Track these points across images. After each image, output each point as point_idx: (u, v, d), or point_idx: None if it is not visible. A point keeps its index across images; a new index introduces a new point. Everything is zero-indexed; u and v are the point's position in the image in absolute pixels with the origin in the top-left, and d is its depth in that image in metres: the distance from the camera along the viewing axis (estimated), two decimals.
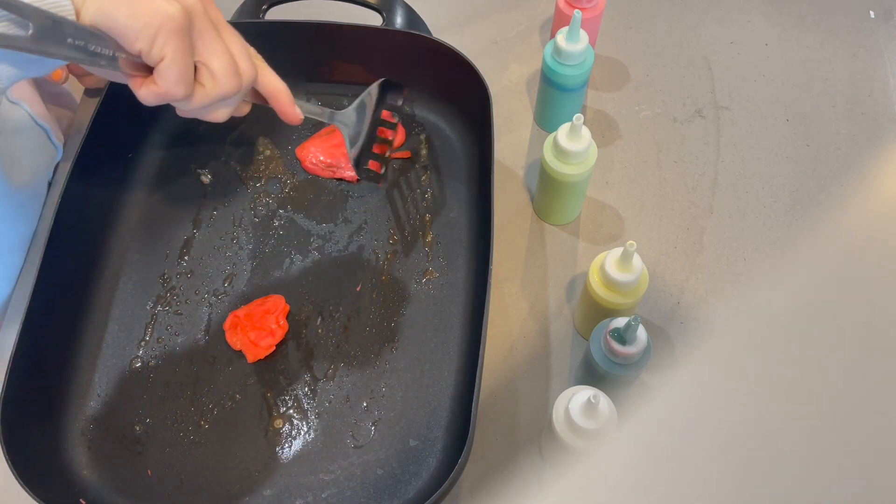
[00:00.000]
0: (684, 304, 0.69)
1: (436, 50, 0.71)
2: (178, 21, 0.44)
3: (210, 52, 0.47)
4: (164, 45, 0.44)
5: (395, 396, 0.64)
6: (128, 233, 0.72)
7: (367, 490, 0.60)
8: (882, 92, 0.80)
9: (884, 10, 0.86)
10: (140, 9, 0.43)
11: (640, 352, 0.55)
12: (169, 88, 0.46)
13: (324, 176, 0.74)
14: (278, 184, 0.74)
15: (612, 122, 0.79)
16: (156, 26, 0.44)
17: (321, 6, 0.76)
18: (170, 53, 0.45)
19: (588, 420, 0.52)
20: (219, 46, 0.47)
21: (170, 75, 0.46)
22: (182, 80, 0.46)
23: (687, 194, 0.75)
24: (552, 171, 0.65)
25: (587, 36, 0.69)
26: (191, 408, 0.64)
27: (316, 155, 0.74)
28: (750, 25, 0.85)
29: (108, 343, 0.66)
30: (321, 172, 0.74)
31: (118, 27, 0.44)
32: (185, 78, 0.46)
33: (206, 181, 0.75)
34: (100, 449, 0.62)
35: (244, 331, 0.65)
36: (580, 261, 0.71)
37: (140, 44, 0.44)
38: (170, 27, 0.44)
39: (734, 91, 0.81)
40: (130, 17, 0.43)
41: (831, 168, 0.76)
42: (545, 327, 0.68)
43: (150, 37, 0.44)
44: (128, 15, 0.43)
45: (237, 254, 0.71)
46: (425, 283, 0.68)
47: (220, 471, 0.61)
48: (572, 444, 0.54)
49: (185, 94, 0.47)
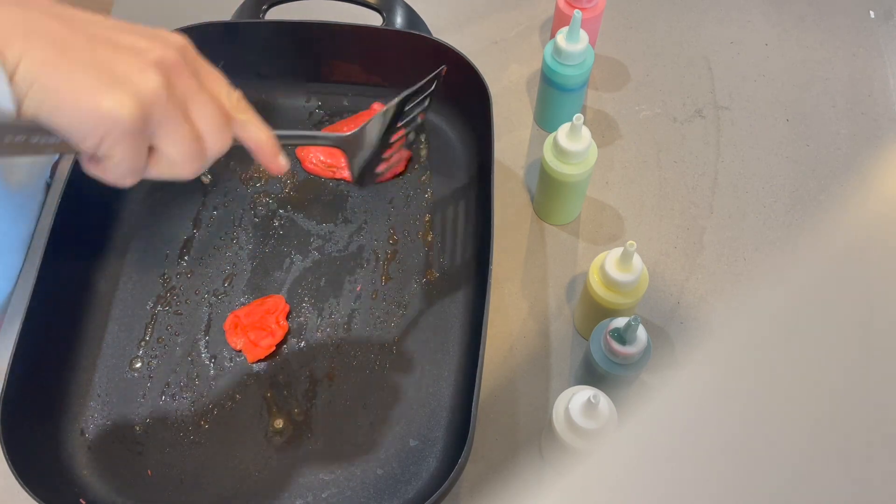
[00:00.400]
0: (684, 304, 0.69)
1: (436, 50, 0.71)
2: (128, 124, 0.38)
3: (169, 140, 0.41)
4: (112, 148, 0.39)
5: (395, 396, 0.64)
6: (128, 233, 0.72)
7: (367, 490, 0.60)
8: (882, 92, 0.80)
9: (884, 10, 0.86)
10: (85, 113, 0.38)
11: (640, 352, 0.55)
12: (116, 181, 0.42)
13: (324, 176, 0.74)
14: (278, 184, 0.74)
15: (612, 122, 0.79)
16: (102, 131, 0.38)
17: (321, 6, 0.76)
18: (117, 156, 0.40)
19: (588, 420, 0.52)
20: (181, 132, 0.41)
21: (116, 172, 0.41)
22: (130, 175, 0.41)
23: (687, 194, 0.75)
24: (552, 171, 0.65)
25: (587, 36, 0.69)
26: (191, 408, 0.64)
27: (316, 155, 0.74)
28: (750, 25, 0.85)
29: (108, 343, 0.66)
30: (321, 172, 0.74)
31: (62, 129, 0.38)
32: (134, 173, 0.42)
33: (206, 181, 0.75)
34: (100, 449, 0.62)
35: (244, 331, 0.65)
36: (580, 261, 0.71)
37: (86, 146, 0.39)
38: (117, 133, 0.38)
39: (734, 91, 0.81)
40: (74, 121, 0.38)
41: (831, 168, 0.76)
42: (545, 327, 0.68)
43: (95, 142, 0.39)
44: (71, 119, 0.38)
45: (237, 254, 0.71)
46: (425, 283, 0.68)
47: (220, 471, 0.61)
48: (572, 444, 0.54)
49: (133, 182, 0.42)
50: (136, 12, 0.89)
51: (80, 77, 0.37)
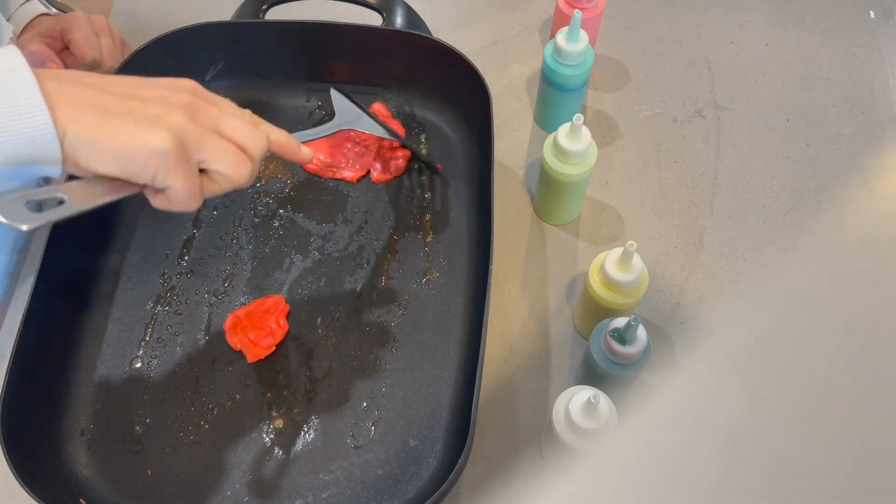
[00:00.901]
0: (684, 304, 0.69)
1: (436, 50, 0.71)
2: (171, 154, 0.44)
3: (213, 156, 0.47)
4: (167, 177, 0.45)
5: (395, 396, 0.64)
6: (128, 233, 0.72)
7: (367, 490, 0.60)
8: (882, 92, 0.80)
9: (884, 10, 0.86)
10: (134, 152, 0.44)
11: (640, 352, 0.55)
12: (182, 207, 0.48)
13: (324, 176, 0.74)
14: (278, 184, 0.74)
15: (612, 122, 0.79)
16: (153, 164, 0.44)
17: (321, 6, 0.76)
18: (174, 183, 0.46)
19: (588, 420, 0.52)
20: (220, 147, 0.47)
21: (179, 198, 0.47)
22: (192, 199, 0.47)
23: (687, 194, 0.75)
24: (552, 171, 0.65)
25: (587, 36, 0.69)
26: (191, 408, 0.64)
27: (316, 154, 0.74)
28: (750, 25, 0.85)
29: (108, 343, 0.66)
30: (322, 172, 0.74)
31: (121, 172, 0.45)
32: (194, 196, 0.47)
33: None
34: (100, 449, 0.62)
35: (244, 331, 0.65)
36: (580, 261, 0.71)
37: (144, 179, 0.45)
38: (166, 162, 0.44)
39: (734, 91, 0.81)
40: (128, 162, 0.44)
41: (831, 168, 0.76)
42: (545, 327, 0.68)
43: (151, 174, 0.45)
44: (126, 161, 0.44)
45: (237, 254, 0.71)
46: (425, 283, 0.68)
47: (220, 471, 0.61)
48: (572, 444, 0.54)
49: (198, 205, 0.48)
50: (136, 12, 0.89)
51: (122, 127, 0.44)
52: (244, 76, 0.78)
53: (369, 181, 0.74)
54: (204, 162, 0.47)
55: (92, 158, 0.44)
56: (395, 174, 0.74)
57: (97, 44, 0.70)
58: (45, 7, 0.75)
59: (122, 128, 0.44)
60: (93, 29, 0.70)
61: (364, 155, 0.74)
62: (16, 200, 0.43)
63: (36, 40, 0.68)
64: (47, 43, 0.69)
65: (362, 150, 0.75)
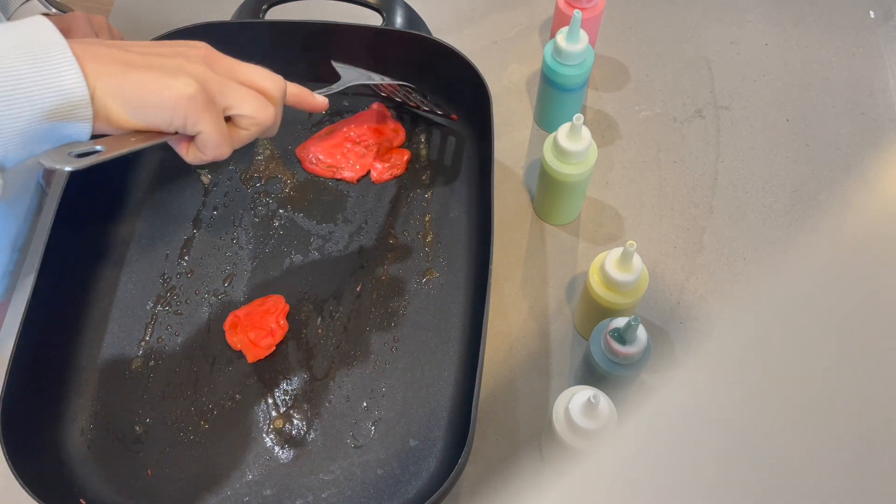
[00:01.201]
0: (684, 304, 0.69)
1: (436, 50, 0.71)
2: (198, 96, 0.47)
3: (236, 101, 0.49)
4: (197, 122, 0.47)
5: (395, 396, 0.64)
6: (128, 233, 0.72)
7: (367, 490, 0.60)
8: (882, 92, 0.80)
9: (884, 10, 0.86)
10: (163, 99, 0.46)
11: (640, 352, 0.55)
12: (215, 154, 0.50)
13: (324, 176, 0.74)
14: (278, 184, 0.74)
15: (612, 122, 0.79)
16: (183, 111, 0.47)
17: (321, 6, 0.76)
18: (205, 127, 0.48)
19: (588, 420, 0.52)
20: (241, 92, 0.50)
21: (210, 143, 0.49)
22: (223, 143, 0.49)
23: (687, 194, 0.75)
24: (552, 171, 0.65)
25: (587, 36, 0.69)
26: (191, 408, 0.64)
27: (316, 155, 0.74)
28: (750, 25, 0.85)
29: (108, 343, 0.66)
30: (321, 172, 0.74)
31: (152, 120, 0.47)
32: (224, 140, 0.49)
33: (206, 181, 0.75)
34: (100, 449, 0.62)
35: (244, 331, 0.65)
36: (580, 261, 0.71)
37: (175, 126, 0.48)
38: (194, 105, 0.47)
39: (734, 91, 0.81)
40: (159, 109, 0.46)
41: (831, 168, 0.76)
42: (545, 327, 0.68)
43: (181, 121, 0.47)
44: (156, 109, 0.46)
45: (237, 254, 0.71)
46: (425, 283, 0.68)
47: (220, 471, 0.61)
48: (572, 444, 0.54)
49: (228, 152, 0.50)
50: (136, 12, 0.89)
51: (147, 77, 0.46)
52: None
53: (369, 181, 0.74)
54: (228, 108, 0.49)
55: (123, 111, 0.46)
56: (395, 174, 0.74)
57: None
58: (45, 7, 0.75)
59: (148, 78, 0.46)
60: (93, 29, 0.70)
61: (364, 155, 0.74)
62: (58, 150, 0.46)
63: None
64: None
65: (362, 151, 0.75)
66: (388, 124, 0.76)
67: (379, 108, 0.77)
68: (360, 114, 0.77)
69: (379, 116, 0.76)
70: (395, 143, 0.75)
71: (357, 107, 0.78)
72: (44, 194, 0.77)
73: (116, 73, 0.45)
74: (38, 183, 0.76)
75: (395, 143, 0.75)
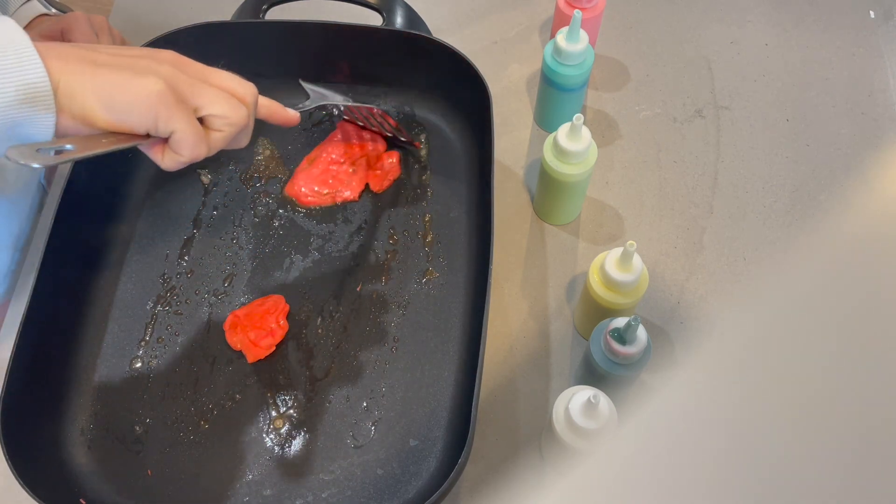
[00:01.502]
0: (684, 304, 0.69)
1: (436, 50, 0.71)
2: (168, 94, 0.46)
3: (207, 101, 0.48)
4: (169, 119, 0.46)
5: (395, 396, 0.64)
6: (128, 233, 0.72)
7: (367, 490, 0.60)
8: (882, 92, 0.80)
9: (884, 10, 0.86)
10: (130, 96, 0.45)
11: (640, 352, 0.55)
12: (191, 153, 0.48)
13: (325, 204, 0.73)
14: (278, 184, 0.74)
15: (612, 122, 0.79)
16: (153, 110, 0.45)
17: (321, 6, 0.76)
18: (177, 124, 0.47)
19: (588, 420, 0.52)
20: (212, 92, 0.49)
21: (185, 142, 0.48)
22: (199, 141, 0.48)
23: (687, 194, 0.75)
24: (552, 171, 0.65)
25: (587, 36, 0.69)
26: (191, 408, 0.64)
27: (309, 187, 0.73)
28: (750, 25, 0.85)
29: (108, 343, 0.66)
30: (321, 202, 0.73)
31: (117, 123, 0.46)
32: (200, 139, 0.48)
33: (206, 181, 0.75)
34: (100, 449, 0.62)
35: (244, 331, 0.65)
36: (580, 261, 0.71)
37: (146, 125, 0.46)
38: (164, 102, 0.46)
39: (734, 91, 0.81)
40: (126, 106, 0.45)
41: (831, 168, 0.76)
42: (545, 327, 0.68)
43: (153, 117, 0.46)
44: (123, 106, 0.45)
45: (237, 254, 0.71)
46: (425, 283, 0.68)
47: (220, 471, 0.61)
48: (572, 444, 0.54)
49: (205, 152, 0.49)
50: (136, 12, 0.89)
51: (115, 75, 0.45)
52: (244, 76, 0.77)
53: (371, 192, 0.74)
54: (200, 108, 0.48)
55: (90, 108, 0.45)
56: (393, 178, 0.74)
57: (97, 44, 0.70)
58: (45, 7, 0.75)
59: (116, 76, 0.45)
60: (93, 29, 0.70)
61: (356, 172, 0.73)
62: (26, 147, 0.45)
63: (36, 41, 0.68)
64: None
65: (350, 169, 0.73)
66: (363, 135, 0.75)
67: (346, 125, 0.76)
68: (331, 136, 0.75)
69: (351, 132, 0.75)
70: (380, 150, 0.74)
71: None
72: (45, 194, 0.77)
73: (83, 71, 0.45)
74: (39, 183, 0.76)
75: (379, 150, 0.74)
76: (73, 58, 0.45)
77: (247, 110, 0.51)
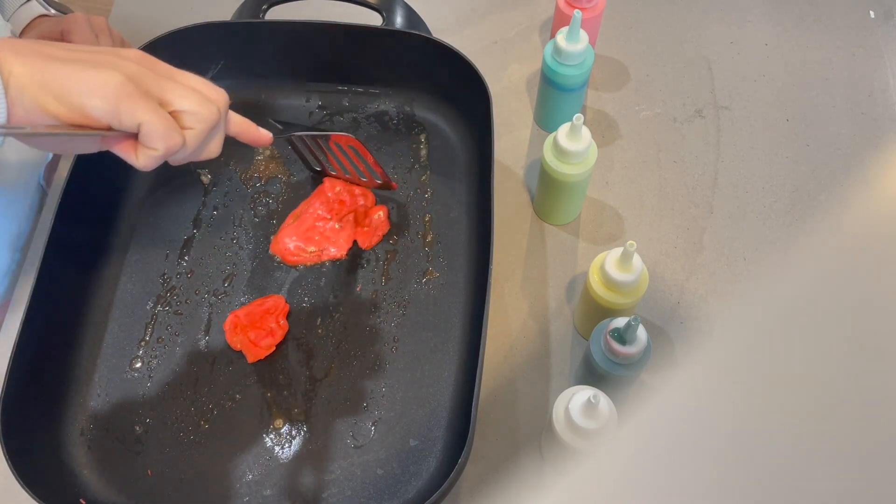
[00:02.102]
0: (684, 304, 0.69)
1: (436, 50, 0.71)
2: (128, 85, 0.44)
3: (175, 96, 0.46)
4: (134, 110, 0.44)
5: (395, 396, 0.64)
6: (128, 233, 0.72)
7: (367, 490, 0.60)
8: (882, 92, 0.80)
9: (884, 10, 0.86)
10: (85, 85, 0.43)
11: (640, 352, 0.55)
12: (166, 145, 0.46)
13: (311, 262, 0.70)
14: (278, 184, 0.74)
15: (612, 122, 0.79)
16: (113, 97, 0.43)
17: (321, 6, 0.76)
18: (143, 115, 0.44)
19: (588, 420, 0.52)
20: (180, 88, 0.47)
21: (156, 132, 0.45)
22: (171, 131, 0.46)
23: (687, 194, 0.75)
24: (552, 171, 0.65)
25: (587, 36, 0.69)
26: (191, 408, 0.64)
27: (296, 243, 0.70)
28: (750, 25, 0.85)
29: (108, 343, 0.66)
30: (307, 260, 0.70)
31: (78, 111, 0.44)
32: (172, 128, 0.46)
33: (206, 181, 0.75)
34: (100, 449, 0.62)
35: (244, 331, 0.65)
36: (580, 261, 0.71)
37: (106, 117, 0.44)
38: (126, 92, 0.44)
39: (734, 91, 0.81)
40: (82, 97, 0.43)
41: (831, 168, 0.76)
42: (545, 327, 0.68)
43: (114, 107, 0.44)
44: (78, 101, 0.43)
45: (237, 254, 0.71)
46: (425, 283, 0.68)
47: (220, 471, 0.61)
48: (572, 444, 0.54)
49: (181, 141, 0.46)
50: (136, 12, 0.89)
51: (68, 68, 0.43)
52: (244, 76, 0.78)
53: (359, 249, 0.71)
54: (167, 103, 0.46)
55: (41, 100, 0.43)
56: (382, 234, 0.71)
57: (97, 45, 0.70)
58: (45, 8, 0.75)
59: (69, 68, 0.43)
60: (92, 30, 0.70)
61: (342, 228, 0.70)
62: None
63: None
64: None
65: (336, 225, 0.70)
66: (352, 189, 0.71)
67: (332, 180, 0.72)
68: (317, 191, 0.72)
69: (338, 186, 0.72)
70: (368, 204, 0.71)
71: (357, 106, 0.78)
72: (44, 194, 0.77)
73: (34, 64, 0.43)
74: (38, 183, 0.76)
75: (367, 204, 0.71)
76: (28, 52, 0.43)
77: (217, 109, 0.48)
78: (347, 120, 0.78)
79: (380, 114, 0.78)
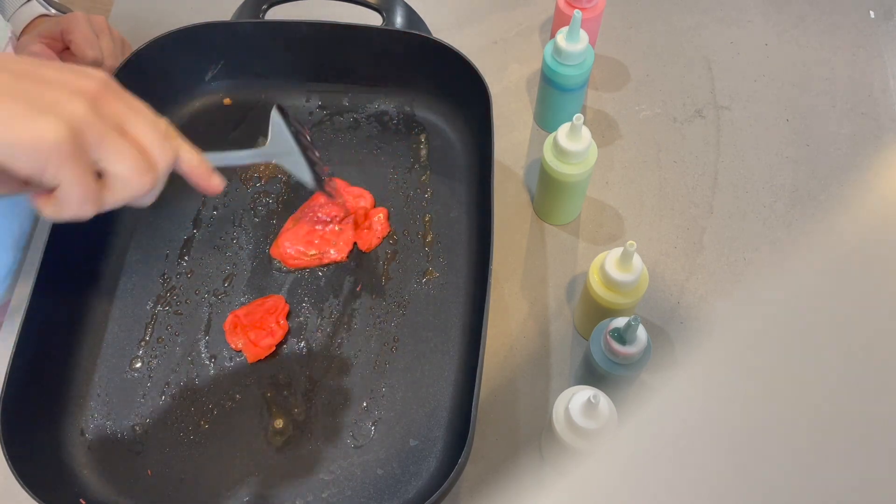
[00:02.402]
0: (684, 304, 0.69)
1: (436, 50, 0.71)
2: (64, 147, 0.38)
3: (113, 157, 0.41)
4: (57, 174, 0.39)
5: (395, 396, 0.64)
6: (128, 233, 0.72)
7: (367, 490, 0.60)
8: (882, 92, 0.80)
9: (884, 10, 0.86)
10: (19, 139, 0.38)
11: (640, 352, 0.55)
12: (75, 213, 0.41)
13: (311, 266, 0.69)
14: (278, 184, 0.74)
15: (612, 122, 0.79)
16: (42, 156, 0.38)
17: (321, 6, 0.76)
18: (65, 181, 0.39)
19: (588, 420, 0.52)
20: (122, 148, 0.41)
21: (71, 199, 0.40)
22: (87, 200, 0.41)
23: (687, 194, 0.75)
24: (552, 171, 0.65)
25: (587, 36, 0.69)
26: (191, 408, 0.64)
27: (295, 248, 0.70)
28: (750, 25, 0.85)
29: (108, 343, 0.66)
30: (308, 263, 0.69)
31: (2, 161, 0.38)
32: (90, 199, 0.41)
33: None
34: (100, 449, 0.62)
35: (244, 331, 0.65)
36: (580, 261, 0.71)
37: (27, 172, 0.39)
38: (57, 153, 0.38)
39: (734, 91, 0.81)
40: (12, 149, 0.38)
41: (831, 168, 0.76)
42: (545, 327, 0.68)
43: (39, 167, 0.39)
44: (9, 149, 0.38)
45: (237, 254, 0.71)
46: (425, 283, 0.68)
47: (220, 471, 0.61)
48: (572, 444, 0.54)
49: (93, 211, 0.42)
50: (136, 12, 0.89)
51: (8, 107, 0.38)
52: (244, 76, 0.78)
53: (359, 252, 0.70)
54: (101, 161, 0.41)
55: None
56: (382, 236, 0.70)
57: (97, 44, 0.70)
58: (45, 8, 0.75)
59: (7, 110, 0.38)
60: (92, 29, 0.70)
61: (342, 231, 0.70)
62: None
63: (36, 42, 0.68)
64: (47, 44, 0.69)
65: (336, 228, 0.70)
66: (351, 191, 0.72)
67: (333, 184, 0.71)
68: (316, 195, 0.72)
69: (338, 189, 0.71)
70: (368, 207, 0.71)
71: (356, 106, 0.78)
72: None
73: None
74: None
75: (367, 207, 0.71)
76: None
77: (154, 177, 0.43)
78: (347, 120, 0.78)
79: (380, 114, 0.78)
